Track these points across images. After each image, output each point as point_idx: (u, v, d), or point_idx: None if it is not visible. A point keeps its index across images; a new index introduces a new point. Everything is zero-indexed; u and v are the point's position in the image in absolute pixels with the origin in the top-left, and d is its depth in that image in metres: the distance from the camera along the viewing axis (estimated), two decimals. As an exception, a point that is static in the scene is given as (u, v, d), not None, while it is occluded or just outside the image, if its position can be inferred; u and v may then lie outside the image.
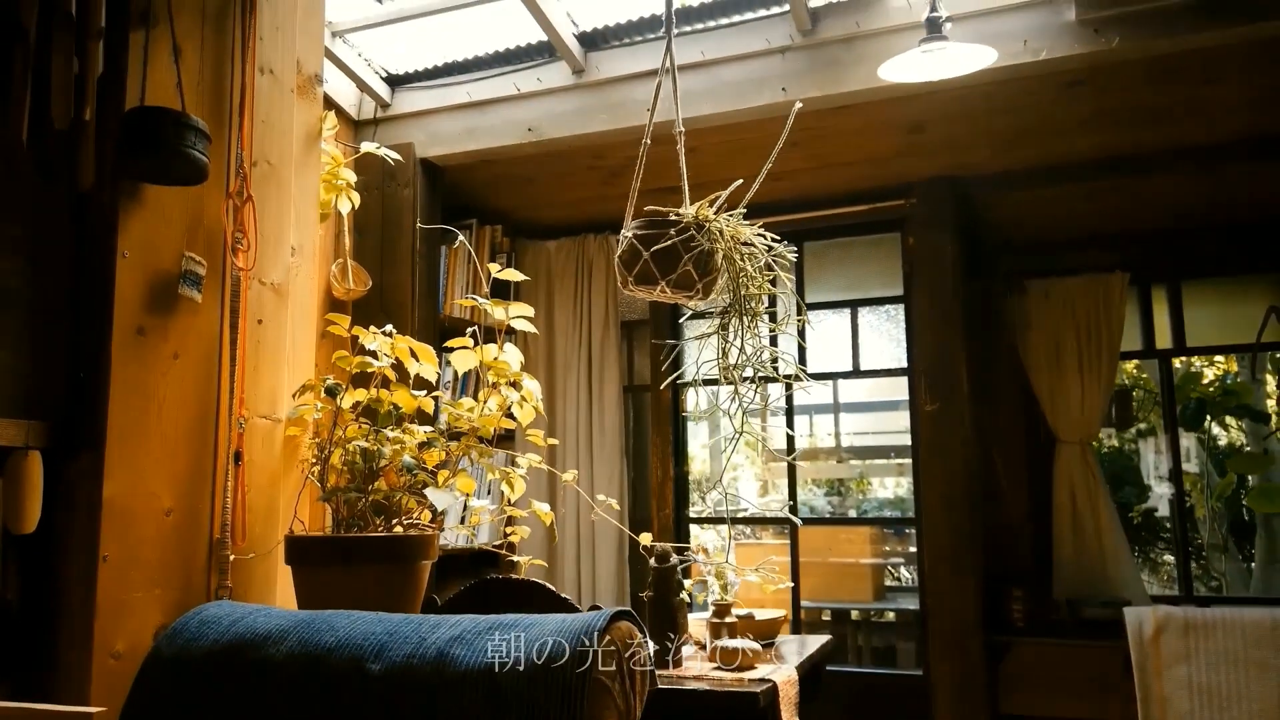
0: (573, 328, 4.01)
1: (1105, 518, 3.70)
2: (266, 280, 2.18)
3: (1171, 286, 3.93)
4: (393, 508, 2.10)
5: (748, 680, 1.85)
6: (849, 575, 5.73)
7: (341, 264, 3.43)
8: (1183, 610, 3.08)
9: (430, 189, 3.67)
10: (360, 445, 2.04)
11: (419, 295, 3.56)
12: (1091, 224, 3.93)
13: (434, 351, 2.25)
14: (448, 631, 1.13)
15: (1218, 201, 3.68)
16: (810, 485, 8.10)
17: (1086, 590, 3.68)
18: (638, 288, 2.00)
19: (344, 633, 1.16)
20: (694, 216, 1.96)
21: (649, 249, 1.91)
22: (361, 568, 1.92)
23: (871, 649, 5.90)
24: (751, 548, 6.71)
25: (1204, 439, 6.33)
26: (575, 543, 3.81)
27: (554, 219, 4.14)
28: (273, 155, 2.22)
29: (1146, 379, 6.23)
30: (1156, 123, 3.27)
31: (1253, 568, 6.09)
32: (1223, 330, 3.95)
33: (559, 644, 1.07)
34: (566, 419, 3.95)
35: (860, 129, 3.37)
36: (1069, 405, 3.80)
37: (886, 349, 4.00)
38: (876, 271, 4.02)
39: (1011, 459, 3.99)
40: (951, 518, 3.44)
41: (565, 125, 3.46)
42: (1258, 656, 2.93)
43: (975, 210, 3.74)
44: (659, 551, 2.07)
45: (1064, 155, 3.48)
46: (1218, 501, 5.35)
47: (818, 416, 8.60)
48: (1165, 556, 6.73)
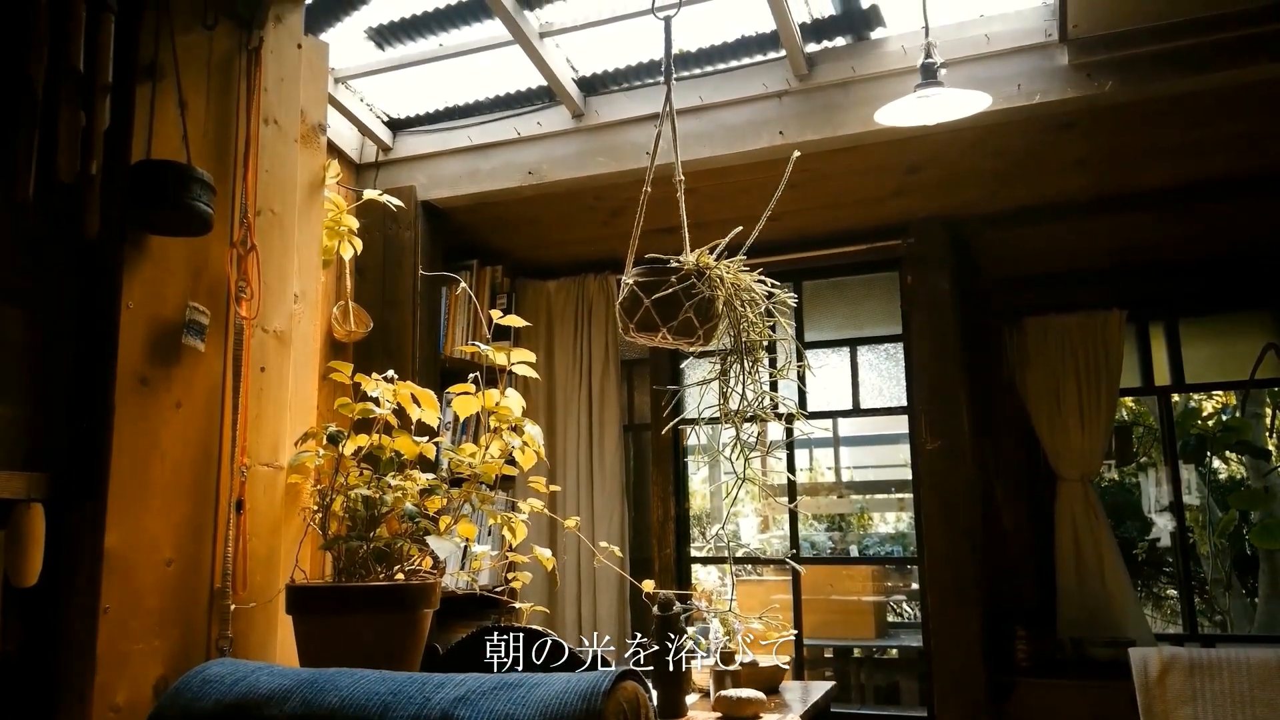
0: (573, 367, 4.01)
1: (1108, 555, 3.68)
2: (269, 328, 2.20)
3: (1169, 323, 3.95)
4: (394, 555, 2.10)
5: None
6: (852, 612, 5.69)
7: (343, 306, 3.45)
8: (1188, 651, 3.06)
9: (431, 231, 3.70)
10: (362, 493, 2.04)
11: (420, 337, 3.57)
12: (1088, 261, 3.95)
13: (435, 397, 2.26)
14: (452, 692, 1.13)
15: (1213, 239, 3.71)
16: (811, 521, 8.07)
17: (1090, 629, 3.66)
18: (639, 334, 2.01)
19: (347, 693, 1.15)
20: (695, 264, 1.98)
21: (650, 296, 1.93)
22: (362, 616, 1.91)
23: (875, 687, 5.84)
24: (754, 585, 6.66)
25: (1205, 474, 6.33)
26: (576, 583, 3.79)
27: (554, 259, 4.17)
28: (276, 204, 2.24)
29: (1146, 414, 6.24)
30: (1149, 162, 3.31)
31: (1256, 603, 6.06)
32: (1221, 366, 3.96)
33: (565, 706, 1.06)
34: (567, 458, 3.95)
35: (857, 170, 3.40)
36: (1069, 442, 3.80)
37: (886, 387, 4.00)
38: (875, 310, 4.04)
39: (1013, 497, 3.99)
40: (954, 557, 3.43)
41: (565, 168, 3.49)
42: (1264, 697, 2.91)
43: (972, 248, 3.76)
44: (661, 599, 2.06)
45: (1059, 194, 3.51)
46: (1220, 539, 5.33)
47: (819, 451, 8.59)
48: (1169, 591, 6.69)
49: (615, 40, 3.27)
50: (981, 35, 3.01)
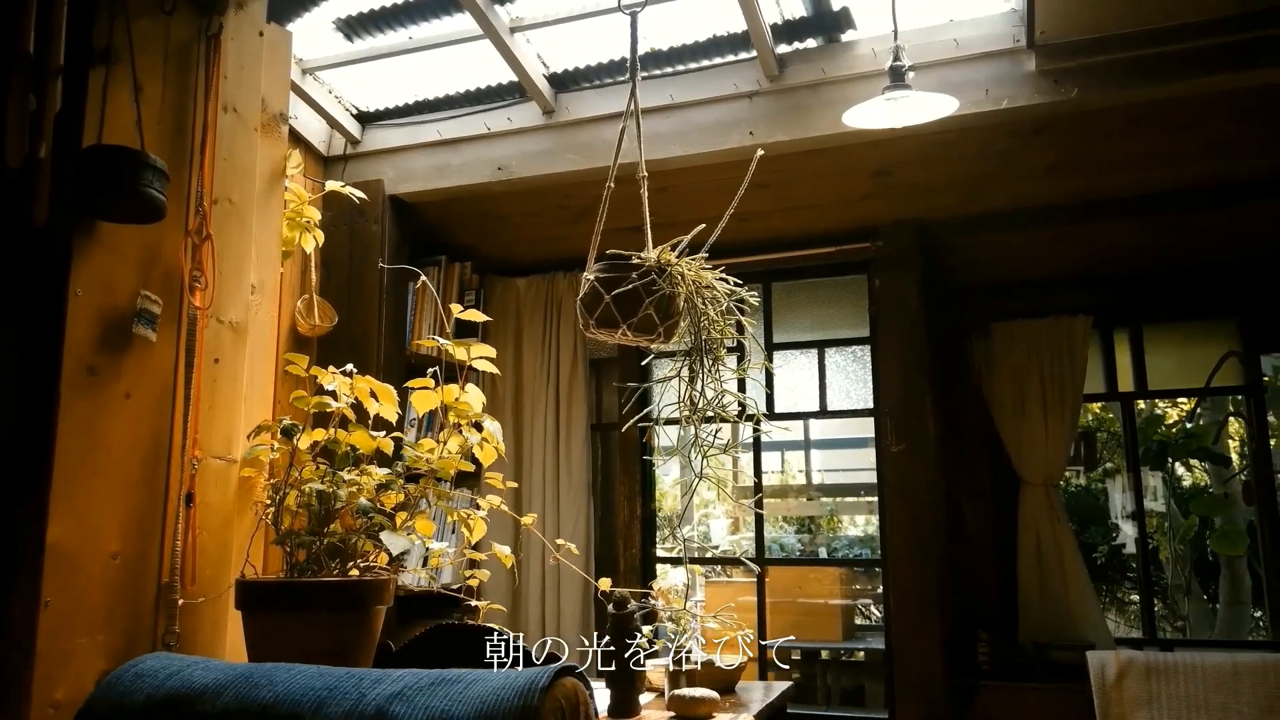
0: (541, 365, 3.99)
1: (1070, 560, 3.71)
2: (225, 319, 2.16)
3: (1133, 330, 3.99)
4: (348, 551, 2.07)
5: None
6: (819, 615, 5.70)
7: (307, 300, 3.41)
8: (1145, 654, 3.08)
9: (399, 225, 3.66)
10: (316, 487, 2.01)
11: (385, 332, 3.54)
12: (1055, 268, 3.98)
13: (394, 392, 2.23)
14: (389, 687, 1.11)
15: (1178, 247, 3.75)
16: (781, 523, 8.08)
17: (1052, 633, 3.68)
18: (599, 330, 1.99)
19: (283, 688, 1.13)
20: (656, 260, 1.97)
21: (610, 292, 1.91)
22: (314, 613, 1.88)
23: (840, 689, 5.86)
24: (722, 586, 6.66)
25: (1168, 480, 6.40)
26: (540, 583, 3.77)
27: (523, 256, 4.14)
28: (234, 193, 2.20)
29: (1111, 420, 6.30)
30: (1117, 170, 3.34)
31: (1217, 609, 6.14)
32: (1183, 373, 4.01)
33: (501, 702, 1.04)
34: (533, 456, 3.92)
35: (827, 172, 3.41)
36: (1033, 447, 3.82)
37: (853, 389, 4.01)
38: (844, 313, 4.04)
39: (978, 500, 4.00)
40: (918, 559, 3.44)
41: (535, 164, 3.47)
42: (1219, 701, 2.94)
43: (940, 253, 3.78)
44: (617, 597, 2.04)
45: (1027, 201, 3.53)
46: (1181, 544, 5.39)
47: (790, 454, 8.62)
48: (1131, 596, 6.76)
49: (586, 37, 3.26)
50: (951, 40, 3.02)
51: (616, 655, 2.00)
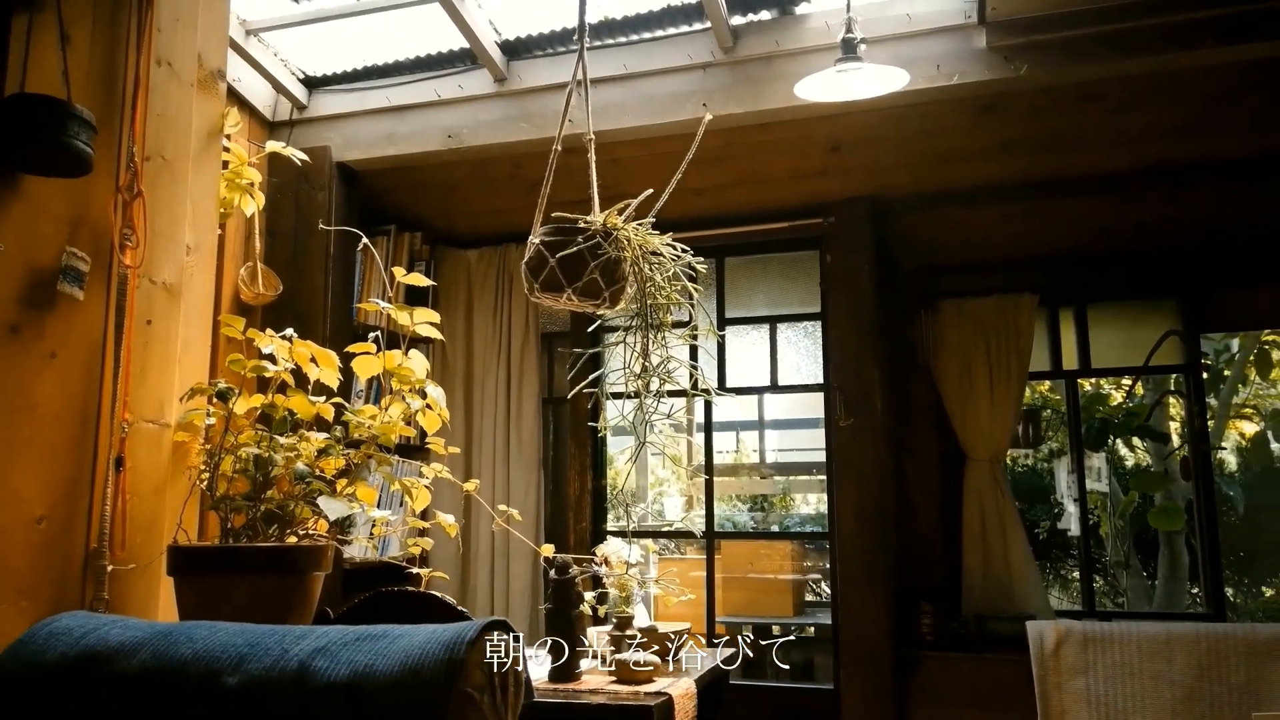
0: (492, 337, 3.95)
1: (1012, 534, 3.77)
2: (158, 279, 2.10)
3: (1078, 309, 4.05)
4: (287, 517, 2.03)
5: (644, 694, 1.82)
6: (771, 591, 5.76)
7: (251, 267, 3.33)
8: (1082, 624, 3.15)
9: (346, 193, 3.59)
10: (252, 451, 1.96)
11: (332, 302, 3.48)
12: (1004, 247, 4.02)
13: (335, 357, 2.19)
14: (312, 643, 1.08)
15: (1123, 228, 3.80)
16: (734, 501, 8.14)
17: (994, 605, 3.74)
18: (544, 294, 1.97)
19: (202, 645, 1.10)
20: (602, 224, 1.95)
21: (555, 255, 1.89)
22: (248, 579, 1.84)
23: (791, 663, 5.93)
24: (675, 563, 6.69)
25: (1110, 458, 6.55)
26: (489, 555, 3.75)
27: (475, 228, 4.09)
28: (168, 150, 2.14)
29: (1058, 401, 6.42)
30: (1066, 149, 3.37)
31: (1155, 585, 6.31)
32: (1127, 352, 4.07)
33: (426, 655, 1.02)
34: (483, 429, 3.89)
35: (780, 146, 3.40)
36: (979, 423, 3.87)
37: (805, 365, 4.03)
38: (796, 289, 4.05)
39: (924, 476, 4.05)
40: (864, 533, 3.48)
41: (486, 133, 3.42)
42: (1152, 669, 3.01)
43: (891, 231, 3.80)
44: (559, 562, 2.03)
45: (978, 179, 3.56)
46: (1121, 519, 5.52)
47: (744, 433, 8.67)
48: (1075, 574, 6.92)
49: (540, 3, 3.21)
50: (904, 14, 3.03)
51: (558, 620, 1.99)
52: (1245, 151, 3.32)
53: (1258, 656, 2.96)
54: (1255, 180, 3.38)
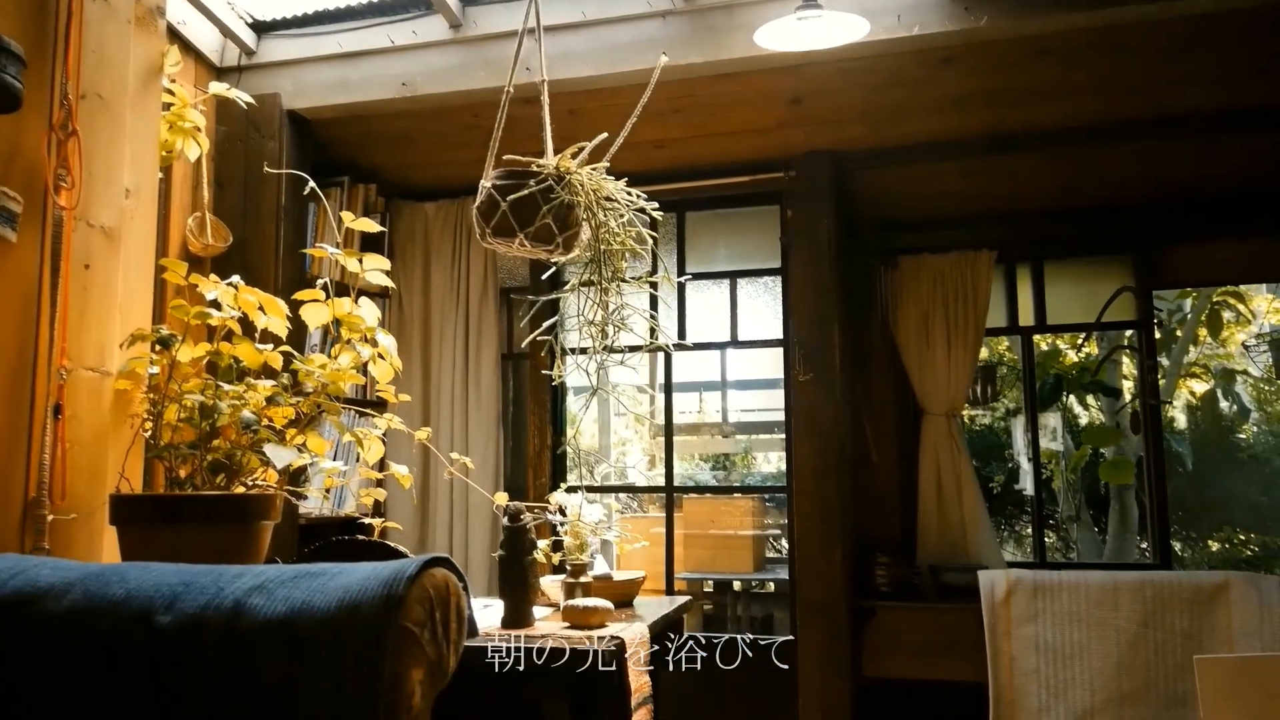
0: (450, 292, 3.90)
1: (967, 487, 3.83)
2: (96, 222, 2.03)
3: (1035, 266, 4.08)
4: (234, 467, 1.99)
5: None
6: (732, 547, 5.82)
7: (199, 218, 3.25)
8: (1032, 573, 3.21)
9: (298, 143, 3.50)
10: (197, 399, 1.92)
11: (283, 253, 3.40)
12: (963, 203, 4.04)
13: (282, 305, 2.14)
14: (249, 581, 1.06)
15: (1080, 184, 3.83)
16: (697, 460, 8.19)
17: (948, 557, 3.81)
18: (495, 240, 1.94)
19: (135, 584, 1.07)
20: (555, 168, 1.91)
21: (506, 199, 1.85)
22: (193, 528, 1.81)
23: (751, 618, 6.02)
24: (637, 520, 6.74)
25: (1063, 412, 6.67)
26: (448, 509, 3.73)
27: (432, 180, 4.02)
28: (104, 88, 2.05)
29: (1014, 359, 6.51)
30: (1023, 104, 3.37)
31: (1106, 539, 6.46)
32: (1082, 309, 4.13)
33: (366, 591, 1.01)
34: (441, 386, 3.85)
35: (741, 98, 3.36)
36: (936, 378, 3.91)
37: (766, 321, 4.03)
38: (757, 244, 4.04)
39: (882, 431, 4.09)
40: (822, 487, 3.50)
41: (441, 81, 3.34)
42: (1099, 616, 3.08)
43: (852, 186, 3.79)
44: (511, 509, 2.02)
45: (937, 133, 3.55)
46: (1072, 473, 5.63)
47: (707, 393, 8.70)
48: (1028, 530, 7.07)
49: (495, -54, 3.13)
50: (865, -37, 2.98)
51: (510, 567, 1.98)
52: (1198, 107, 3.34)
53: (1201, 603, 3.04)
54: (1208, 136, 3.41)
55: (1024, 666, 3.10)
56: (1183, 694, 2.98)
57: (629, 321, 2.08)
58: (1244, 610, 3.00)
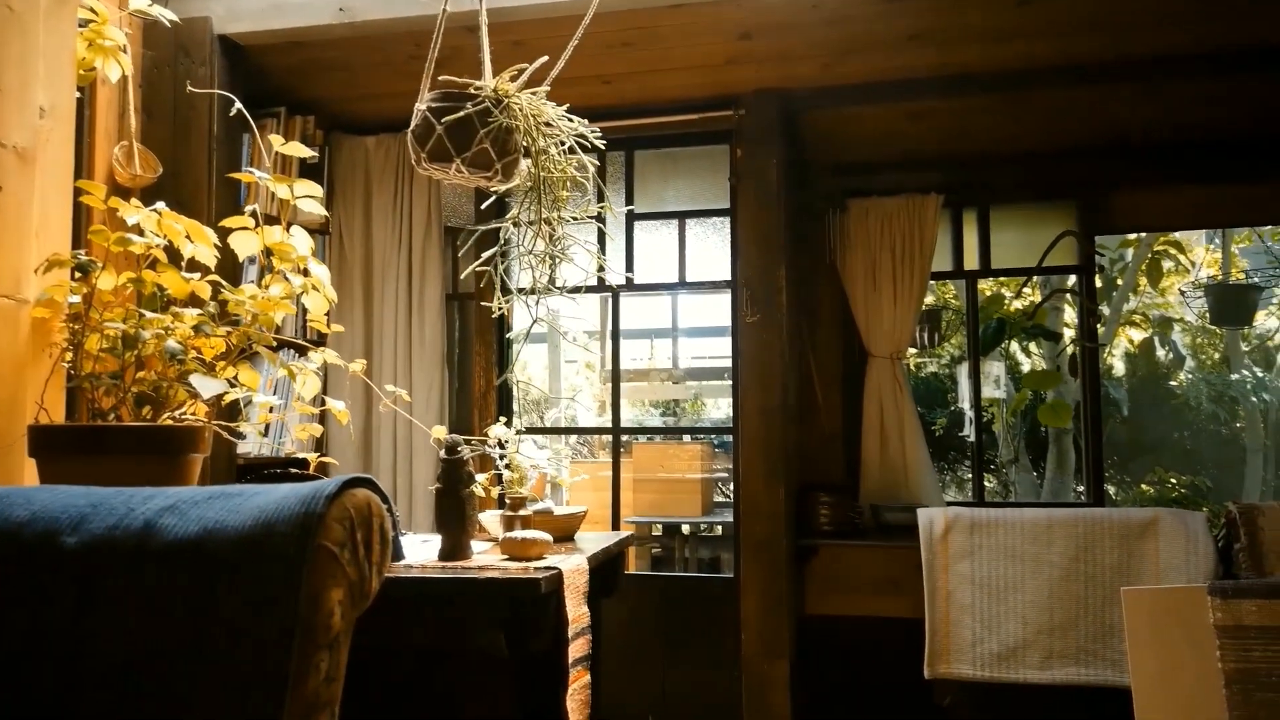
0: (392, 230, 3.81)
1: (909, 428, 3.88)
2: (7, 142, 1.92)
3: (981, 210, 4.10)
4: (160, 399, 1.93)
5: (533, 569, 1.82)
6: (681, 492, 5.87)
7: (126, 147, 3.11)
8: (969, 511, 3.28)
9: (231, 70, 3.36)
10: (119, 328, 1.85)
11: (216, 185, 3.28)
12: (912, 146, 4.03)
13: (210, 232, 2.06)
14: (161, 502, 1.02)
15: (1026, 128, 3.84)
16: (647, 406, 8.21)
17: (890, 497, 3.87)
18: (431, 165, 1.88)
19: (40, 506, 1.03)
20: (493, 90, 1.85)
21: (441, 121, 1.79)
22: (116, 460, 1.75)
23: (698, 560, 6.11)
24: (586, 465, 6.76)
25: (1008, 365, 6.79)
26: (392, 448, 3.69)
27: (374, 113, 3.89)
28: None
29: (959, 305, 6.60)
30: (975, 44, 3.34)
31: (1044, 482, 6.64)
32: (1027, 254, 4.16)
33: (282, 510, 0.98)
34: (384, 326, 3.78)
35: (691, 31, 3.29)
36: (881, 321, 3.93)
37: (716, 264, 4.01)
38: (707, 184, 4.01)
39: (828, 373, 4.12)
40: (767, 428, 3.52)
41: (382, 7, 3.21)
42: (1033, 552, 3.16)
43: (801, 127, 3.76)
44: (448, 442, 1.99)
45: (886, 72, 3.52)
46: (1012, 417, 5.75)
47: (658, 340, 8.71)
48: (970, 475, 7.25)
49: None
50: (817, -108, 2.92)
51: (446, 500, 1.96)
52: (1144, 50, 3.35)
53: (1129, 538, 3.13)
54: (1153, 81, 3.43)
55: (960, 601, 3.18)
56: (1110, 625, 3.08)
57: (572, 254, 2.04)
58: (1171, 545, 3.10)
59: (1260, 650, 2.40)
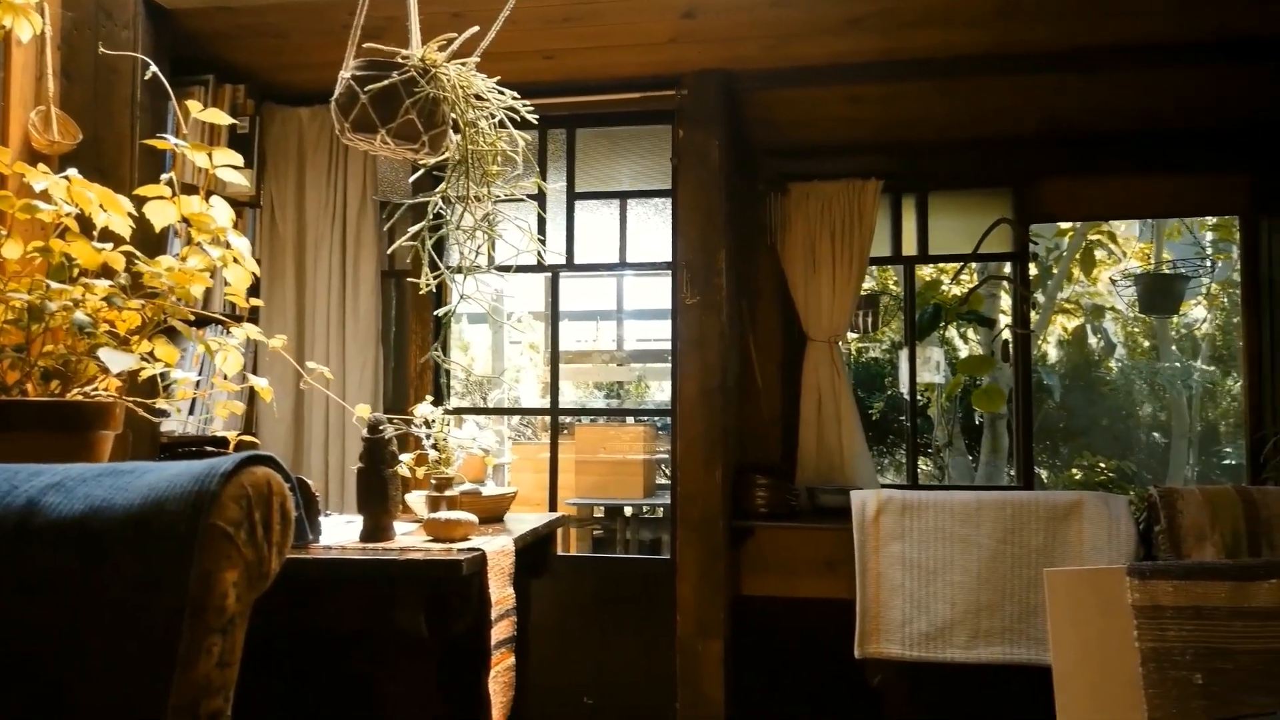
0: (326, 205, 3.71)
1: (846, 412, 3.92)
2: (-98, 101, 1.82)
3: (920, 196, 4.14)
4: (69, 373, 1.85)
5: (456, 550, 1.79)
6: (623, 473, 5.88)
7: (43, 112, 2.99)
8: (901, 493, 3.32)
9: (155, 33, 3.23)
10: (23, 298, 1.77)
11: (139, 154, 3.16)
12: (853, 131, 4.04)
13: (125, 201, 1.98)
14: (47, 479, 0.97)
15: (964, 115, 3.87)
16: (591, 389, 8.19)
17: (826, 480, 3.91)
18: (356, 136, 1.82)
19: (-86, 483, 0.97)
20: (420, 60, 1.80)
21: (365, 89, 1.73)
22: (21, 436, 1.68)
23: (639, 541, 6.13)
24: (528, 446, 6.73)
25: (946, 351, 6.91)
26: (324, 430, 3.61)
27: (307, 83, 3.78)
28: (-93, -52, 1.83)
29: (898, 291, 6.69)
30: (917, 29, 3.35)
31: (979, 464, 6.77)
32: (963, 240, 4.22)
33: (174, 488, 0.93)
34: (316, 303, 3.69)
35: (632, 7, 3.24)
36: (820, 305, 3.96)
37: (658, 245, 3.99)
38: (649, 165, 3.98)
39: (768, 356, 4.14)
40: (705, 410, 3.52)
41: (315, -27, 3.12)
42: (962, 533, 3.22)
43: (745, 109, 3.75)
44: (370, 421, 1.94)
45: (830, 56, 3.52)
46: (947, 401, 5.85)
47: (603, 322, 8.69)
48: (904, 459, 7.38)
49: None
50: None
51: (369, 479, 1.92)
52: (1083, 40, 3.39)
53: (1055, 521, 3.20)
54: (1090, 71, 3.47)
55: (890, 582, 3.22)
56: (1035, 605, 3.15)
57: (505, 231, 2.00)
58: (1094, 527, 3.17)
59: (1175, 630, 2.47)
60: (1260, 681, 2.40)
